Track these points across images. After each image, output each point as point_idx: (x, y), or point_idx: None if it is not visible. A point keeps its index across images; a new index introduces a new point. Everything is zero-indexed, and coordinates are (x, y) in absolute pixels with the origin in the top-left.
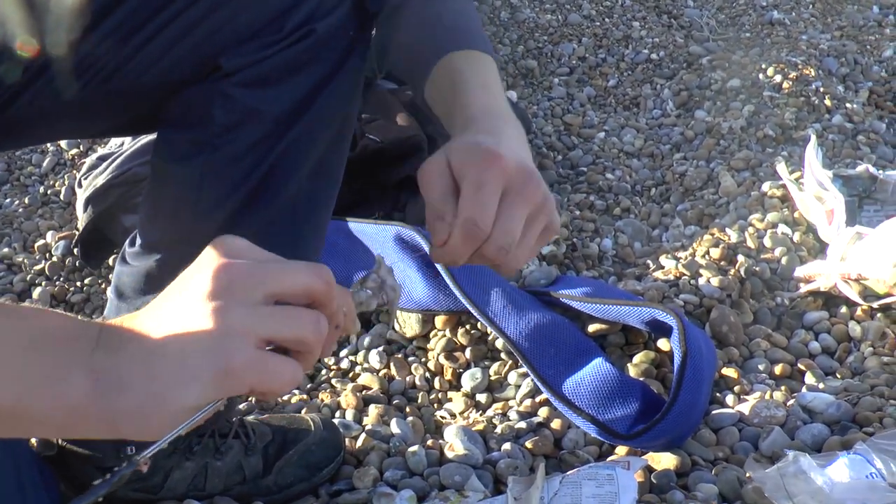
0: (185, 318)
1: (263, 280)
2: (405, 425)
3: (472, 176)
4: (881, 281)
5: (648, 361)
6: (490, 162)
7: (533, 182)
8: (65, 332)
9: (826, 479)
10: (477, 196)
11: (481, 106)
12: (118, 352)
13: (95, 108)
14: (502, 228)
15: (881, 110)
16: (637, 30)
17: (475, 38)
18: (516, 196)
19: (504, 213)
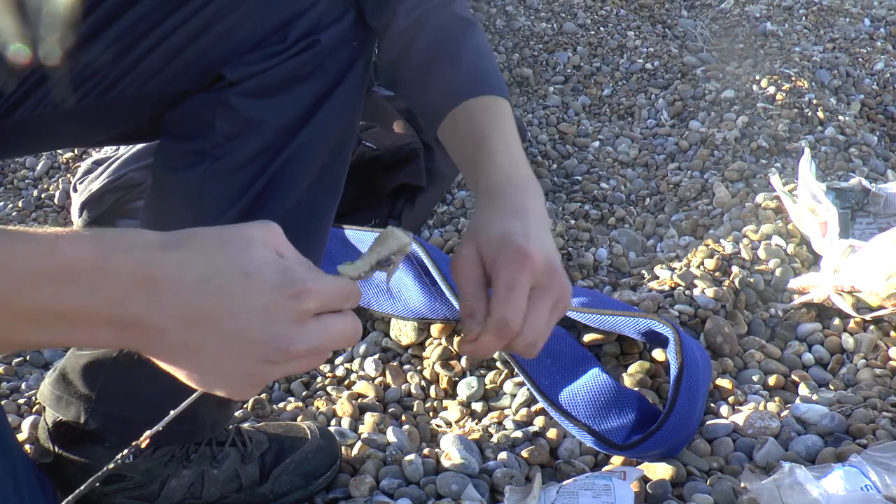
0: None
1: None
2: (401, 434)
3: (504, 277)
4: (874, 293)
5: (644, 372)
6: (521, 262)
7: (558, 278)
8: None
9: (822, 491)
10: (509, 297)
11: (505, 174)
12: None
13: (96, 118)
14: (531, 326)
15: (873, 123)
16: (632, 39)
17: (493, 82)
18: (543, 293)
19: (532, 310)
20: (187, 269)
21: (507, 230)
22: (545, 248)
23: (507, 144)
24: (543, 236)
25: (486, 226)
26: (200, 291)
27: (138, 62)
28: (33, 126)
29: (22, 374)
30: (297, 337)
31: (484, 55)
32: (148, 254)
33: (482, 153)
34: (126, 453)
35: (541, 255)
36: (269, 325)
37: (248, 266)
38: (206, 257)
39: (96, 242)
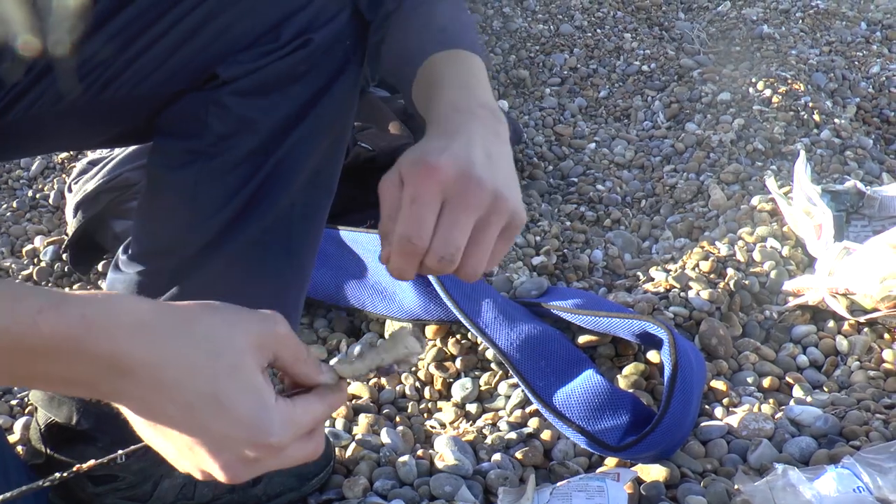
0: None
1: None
2: (395, 435)
3: (407, 190)
4: (868, 296)
5: (638, 373)
6: (425, 174)
7: (475, 186)
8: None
9: (814, 493)
10: (411, 210)
11: (450, 103)
12: None
13: (91, 118)
14: (442, 240)
15: (868, 126)
16: (628, 41)
17: (462, 39)
18: (457, 204)
19: (443, 223)
20: (164, 370)
21: (425, 148)
22: (464, 159)
23: (465, 83)
24: (470, 151)
25: (412, 148)
26: (170, 398)
27: (133, 61)
28: (27, 127)
29: None
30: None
31: (459, 21)
32: (131, 341)
33: (434, 93)
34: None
35: (452, 166)
36: (220, 454)
37: (224, 395)
38: (186, 366)
39: (81, 322)
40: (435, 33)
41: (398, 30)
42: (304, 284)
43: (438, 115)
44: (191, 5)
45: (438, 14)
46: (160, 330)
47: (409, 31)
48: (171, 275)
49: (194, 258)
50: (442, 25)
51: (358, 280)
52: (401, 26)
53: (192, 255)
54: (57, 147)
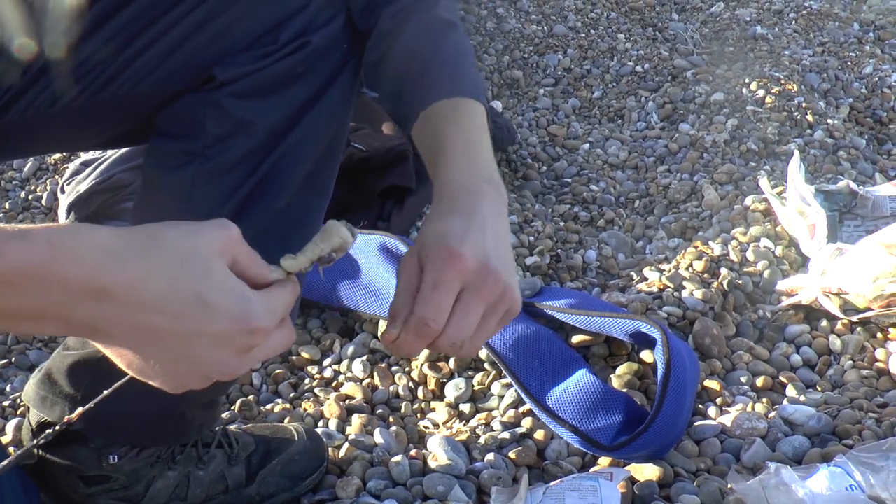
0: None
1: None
2: (388, 435)
3: (429, 276)
4: (861, 295)
5: (632, 373)
6: (449, 262)
7: (491, 279)
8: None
9: (807, 492)
10: (432, 295)
11: (459, 177)
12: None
13: (88, 119)
14: (456, 326)
15: (861, 126)
16: (622, 42)
17: (466, 85)
18: (473, 295)
19: (459, 311)
20: (144, 286)
21: (444, 231)
22: (482, 249)
23: (468, 147)
24: (485, 239)
25: (426, 227)
26: (156, 311)
27: (131, 62)
28: (24, 128)
29: (6, 376)
30: (239, 366)
31: (460, 58)
32: (102, 264)
33: (440, 156)
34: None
35: (473, 256)
36: (216, 352)
37: (207, 295)
38: (165, 277)
39: (47, 247)
40: (438, 72)
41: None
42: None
43: (448, 191)
44: (189, 6)
45: (441, 50)
46: (128, 250)
47: (410, 60)
48: None
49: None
50: (445, 63)
51: (351, 281)
52: (401, 52)
53: None
54: (53, 148)
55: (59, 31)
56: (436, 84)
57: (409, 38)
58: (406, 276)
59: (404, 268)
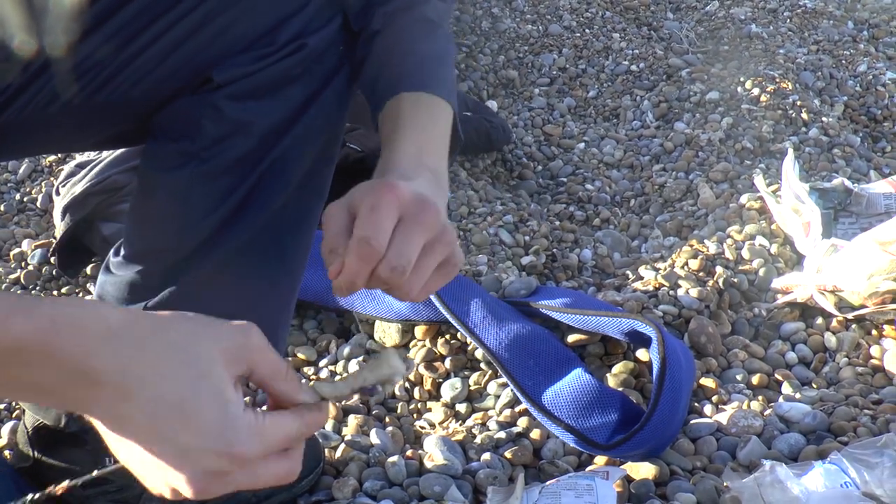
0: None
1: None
2: (385, 435)
3: (367, 202)
4: (856, 293)
5: (627, 372)
6: (385, 189)
7: (430, 210)
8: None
9: (802, 489)
10: (371, 216)
11: (401, 165)
12: None
13: (84, 121)
14: (396, 249)
15: (856, 124)
16: (617, 41)
17: (435, 81)
18: (412, 222)
19: (398, 236)
20: (129, 380)
21: (377, 179)
22: (416, 187)
23: (420, 139)
24: (421, 187)
25: (362, 183)
26: (135, 409)
27: (130, 62)
28: (21, 128)
29: None
30: (207, 488)
31: (436, 58)
32: (99, 349)
33: (388, 146)
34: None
35: (409, 188)
36: (188, 465)
37: (190, 403)
38: (154, 375)
39: (49, 325)
40: (411, 69)
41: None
42: (295, 286)
43: (387, 172)
44: (188, 8)
45: (419, 51)
46: (129, 338)
47: (387, 56)
48: (162, 276)
49: (186, 260)
50: (419, 62)
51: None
52: (381, 49)
53: (184, 257)
54: (50, 149)
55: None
56: (405, 76)
57: (390, 35)
58: (335, 217)
59: (332, 210)
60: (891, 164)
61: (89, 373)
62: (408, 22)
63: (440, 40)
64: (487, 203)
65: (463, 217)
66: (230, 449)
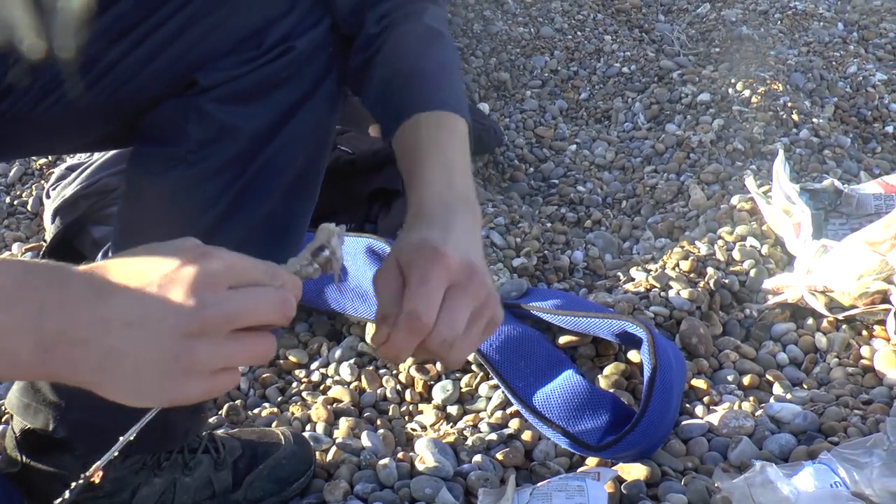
0: (146, 338)
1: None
2: (376, 438)
3: (416, 274)
4: (846, 293)
5: (619, 373)
6: (435, 259)
7: (477, 278)
8: (7, 290)
9: (792, 489)
10: (420, 290)
11: (435, 194)
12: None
13: (70, 123)
14: (446, 322)
15: (846, 125)
16: (609, 43)
17: (448, 98)
18: (461, 291)
19: (448, 306)
20: (101, 271)
21: (423, 237)
22: (464, 251)
23: (446, 164)
24: (465, 244)
25: (404, 239)
26: (115, 291)
27: (114, 65)
28: (6, 130)
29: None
30: (205, 299)
31: (446, 69)
32: (66, 272)
33: (417, 170)
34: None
35: (457, 256)
36: (174, 293)
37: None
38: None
39: (22, 266)
40: (422, 84)
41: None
42: None
43: (423, 207)
44: (172, 10)
45: (427, 59)
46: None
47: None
48: None
49: None
50: (430, 75)
51: (305, 277)
52: (387, 60)
53: None
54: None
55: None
56: (418, 95)
57: (395, 46)
58: (386, 281)
59: (384, 274)
60: (881, 165)
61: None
62: (411, 31)
63: (446, 50)
64: None
65: None
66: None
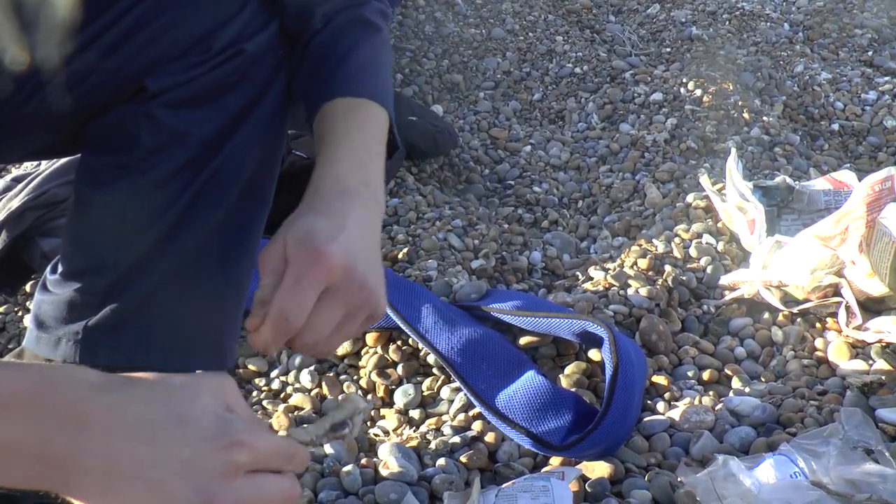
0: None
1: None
2: (338, 445)
3: (294, 269)
4: (800, 287)
5: (580, 372)
6: (315, 260)
7: (356, 283)
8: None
9: (754, 481)
10: (293, 290)
11: (336, 177)
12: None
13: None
14: (313, 326)
15: (795, 123)
16: (560, 44)
17: (370, 87)
18: (335, 296)
19: (318, 310)
20: (121, 412)
21: (312, 228)
22: (349, 251)
23: (354, 148)
24: (354, 242)
25: (298, 221)
26: (130, 437)
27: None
28: None
29: None
30: (221, 491)
31: (374, 61)
32: (88, 394)
33: (324, 153)
34: None
35: (340, 258)
36: (192, 477)
37: (186, 414)
38: (146, 403)
39: (39, 377)
40: (348, 72)
41: (315, 52)
42: (241, 298)
43: (322, 186)
44: (118, 14)
45: (359, 52)
46: (115, 382)
47: (323, 57)
48: (102, 295)
49: (126, 276)
50: (358, 64)
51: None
52: (318, 50)
53: (123, 274)
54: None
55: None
56: (342, 81)
57: (330, 35)
58: (271, 264)
59: (269, 254)
60: (828, 162)
61: (77, 415)
62: (345, 24)
63: (377, 44)
64: (436, 208)
65: (412, 222)
66: (234, 437)
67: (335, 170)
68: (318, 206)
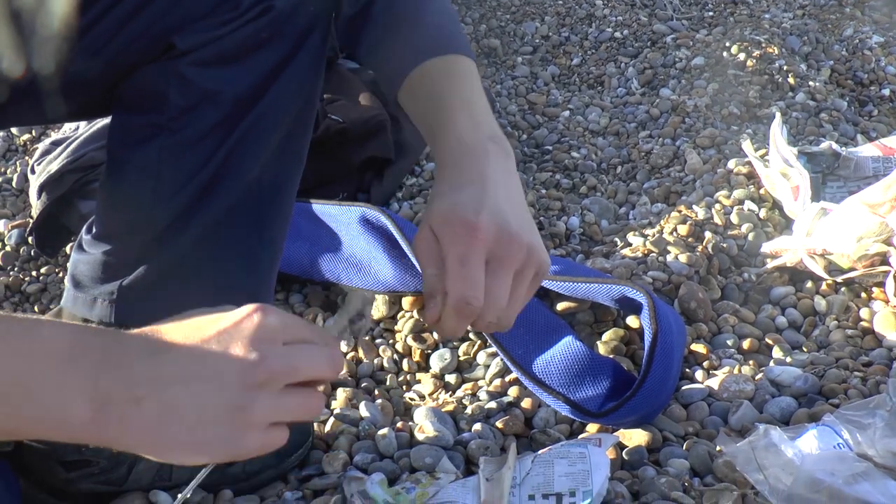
0: (208, 392)
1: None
2: (374, 408)
3: (454, 251)
4: (845, 255)
5: (618, 339)
6: (470, 235)
7: (514, 243)
8: (63, 349)
9: (796, 451)
10: (463, 272)
11: (461, 142)
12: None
13: (45, 93)
14: (492, 300)
15: (842, 88)
16: (600, 8)
17: (456, 42)
18: (499, 264)
19: (491, 283)
20: (159, 333)
21: (454, 203)
22: (497, 215)
23: (468, 107)
24: (499, 203)
25: (437, 201)
26: (172, 349)
27: (84, 33)
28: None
29: None
30: (266, 352)
31: (446, 15)
32: (120, 333)
33: (440, 119)
34: None
35: (490, 225)
36: (235, 347)
37: (213, 312)
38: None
39: (76, 328)
40: (427, 32)
41: (382, 16)
42: (275, 258)
43: (450, 152)
44: None
45: (427, 9)
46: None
47: (395, 22)
48: (136, 254)
49: (160, 236)
50: (433, 22)
51: (332, 253)
52: (385, 14)
53: (157, 234)
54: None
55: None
56: (425, 43)
57: (389, 4)
58: (427, 254)
59: (422, 246)
60: (877, 128)
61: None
62: None
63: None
64: None
65: None
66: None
67: (457, 134)
68: (452, 177)
